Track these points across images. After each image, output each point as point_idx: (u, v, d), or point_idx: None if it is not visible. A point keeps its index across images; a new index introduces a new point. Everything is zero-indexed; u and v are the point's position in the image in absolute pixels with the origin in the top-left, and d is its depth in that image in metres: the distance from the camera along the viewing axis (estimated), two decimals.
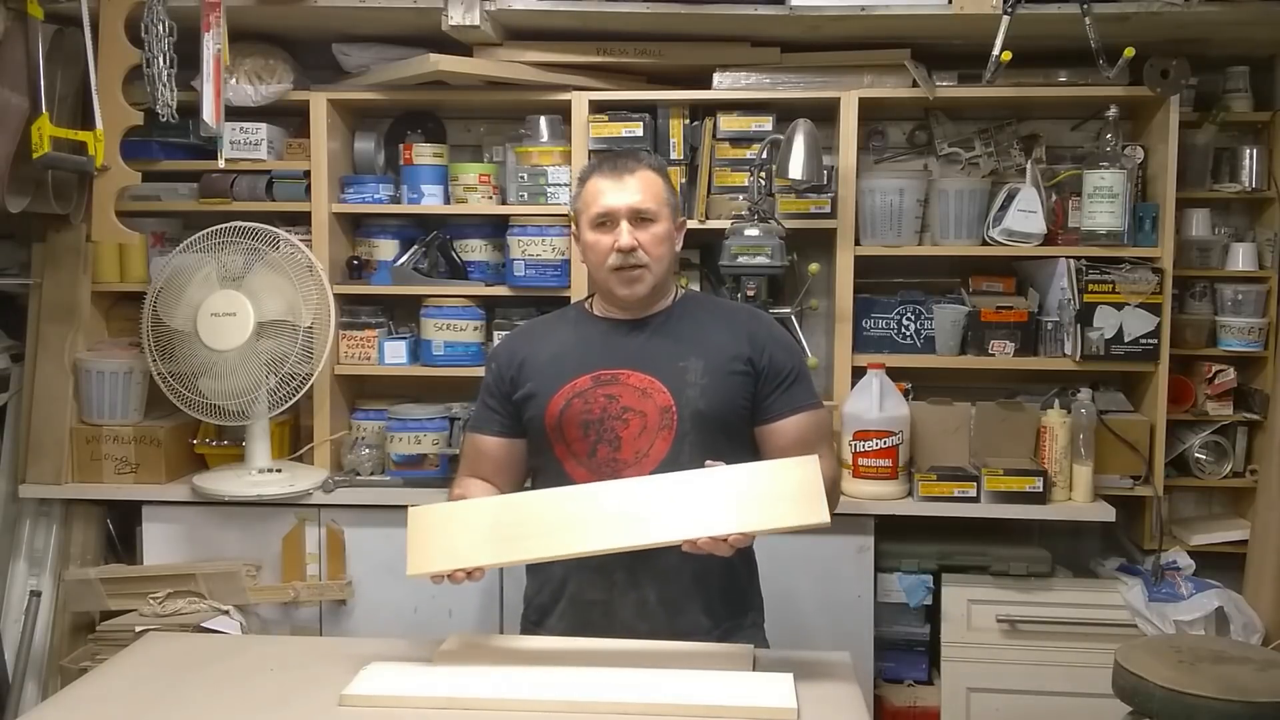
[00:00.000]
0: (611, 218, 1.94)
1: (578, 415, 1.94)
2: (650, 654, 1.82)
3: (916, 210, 3.07)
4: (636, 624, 1.93)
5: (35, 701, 2.98)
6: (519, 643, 1.95)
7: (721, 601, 1.98)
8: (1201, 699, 2.17)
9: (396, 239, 3.24)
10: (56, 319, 3.09)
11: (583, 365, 1.98)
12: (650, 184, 1.96)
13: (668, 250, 1.98)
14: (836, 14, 2.75)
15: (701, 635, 1.94)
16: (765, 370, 1.97)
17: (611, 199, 1.94)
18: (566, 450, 1.96)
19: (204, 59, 2.64)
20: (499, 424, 2.05)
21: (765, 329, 2.03)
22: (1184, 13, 2.69)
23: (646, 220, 1.95)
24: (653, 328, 2.01)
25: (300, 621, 2.97)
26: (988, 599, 2.87)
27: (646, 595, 1.93)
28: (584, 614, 1.95)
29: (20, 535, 3.12)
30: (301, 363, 2.89)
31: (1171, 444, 3.08)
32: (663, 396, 1.93)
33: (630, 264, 1.94)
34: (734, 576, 2.00)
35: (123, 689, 1.76)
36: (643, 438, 1.92)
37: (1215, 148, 3.13)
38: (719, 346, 1.97)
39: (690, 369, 1.94)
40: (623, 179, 1.95)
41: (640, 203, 1.94)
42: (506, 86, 3.04)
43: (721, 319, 2.03)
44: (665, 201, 1.98)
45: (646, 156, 2.06)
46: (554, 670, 1.74)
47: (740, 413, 1.97)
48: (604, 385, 1.96)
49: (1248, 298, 3.05)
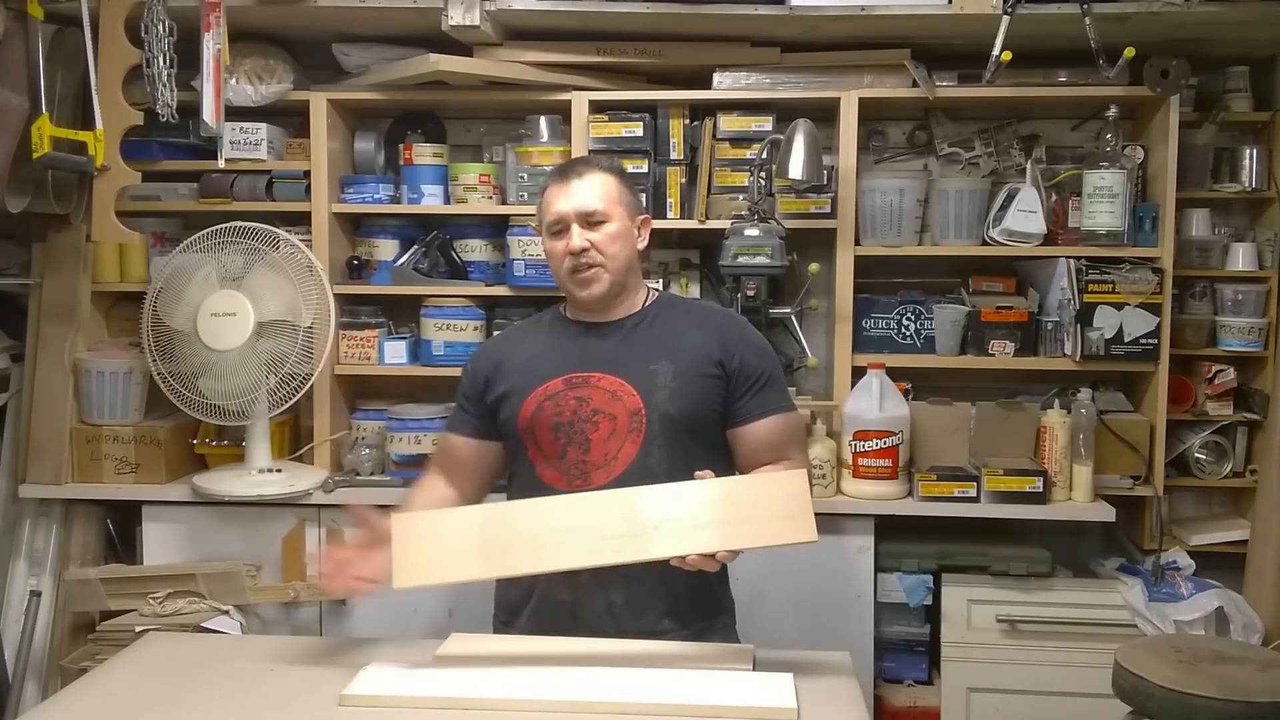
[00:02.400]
0: (563, 222, 1.97)
1: (548, 418, 1.95)
2: (650, 654, 1.81)
3: (916, 210, 3.08)
4: (603, 625, 1.92)
5: (35, 701, 2.98)
6: (518, 643, 1.94)
7: (689, 604, 1.98)
8: (1201, 699, 2.17)
9: (396, 239, 3.24)
10: (56, 319, 3.09)
11: (555, 368, 1.99)
12: (600, 185, 1.98)
13: (623, 248, 1.99)
14: (836, 14, 2.75)
15: (670, 638, 1.93)
16: (736, 373, 1.97)
17: (561, 204, 1.97)
18: (538, 452, 1.97)
19: (204, 59, 2.64)
20: (470, 425, 2.07)
21: (738, 332, 2.03)
22: (1184, 13, 2.69)
23: (597, 221, 1.96)
24: (625, 330, 2.01)
25: (300, 621, 2.97)
26: (988, 599, 2.87)
27: (612, 597, 1.93)
28: (552, 614, 1.95)
29: (20, 535, 3.12)
30: (301, 363, 2.89)
31: (1171, 444, 3.08)
32: (632, 399, 1.93)
33: (584, 264, 1.95)
34: (703, 580, 1.98)
35: (123, 689, 1.76)
36: (612, 440, 1.93)
37: (1215, 148, 3.13)
38: (690, 349, 1.97)
39: (660, 372, 1.95)
40: (570, 183, 1.97)
41: (587, 204, 1.96)
42: (506, 86, 3.04)
43: (694, 322, 2.03)
44: (617, 200, 1.99)
45: (599, 160, 2.08)
46: (554, 670, 1.74)
47: (711, 416, 1.97)
48: (575, 388, 1.96)
49: (1248, 298, 3.05)
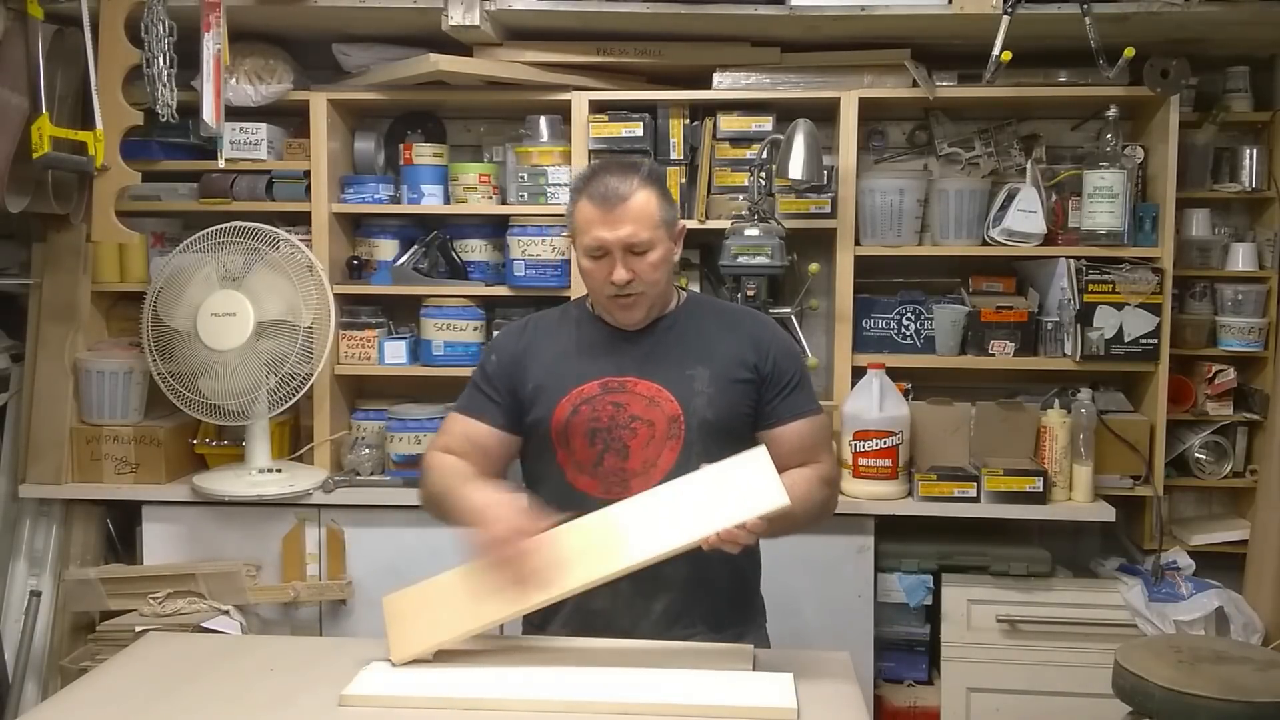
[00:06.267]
0: (604, 249, 1.87)
1: (585, 423, 1.91)
2: (650, 654, 1.81)
3: (916, 210, 3.07)
4: (641, 634, 1.91)
5: (35, 701, 2.98)
6: (519, 643, 1.94)
7: (728, 608, 1.97)
8: (1201, 699, 2.17)
9: (396, 239, 3.24)
10: (56, 319, 3.09)
11: (590, 370, 1.94)
12: (644, 209, 1.86)
13: (665, 272, 1.92)
14: (836, 14, 2.75)
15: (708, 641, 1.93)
16: (769, 376, 1.95)
17: (604, 232, 1.85)
18: (569, 458, 1.93)
19: (204, 59, 2.64)
20: (499, 416, 1.97)
21: (769, 333, 2.01)
22: (1184, 13, 2.69)
23: (641, 251, 1.87)
24: (658, 334, 1.97)
25: (300, 621, 2.98)
26: (988, 599, 2.87)
27: (652, 606, 1.91)
28: (587, 623, 1.92)
29: (20, 535, 3.12)
30: (301, 363, 2.90)
31: (1171, 444, 3.08)
32: (671, 405, 1.90)
33: (626, 294, 1.89)
34: (740, 581, 1.99)
35: (123, 689, 1.76)
36: (651, 447, 1.90)
37: (1215, 148, 3.13)
38: (724, 354, 1.95)
39: (697, 377, 1.92)
40: (614, 210, 1.85)
41: (633, 235, 1.85)
42: (506, 86, 3.04)
43: (725, 324, 2.00)
44: (660, 223, 1.88)
45: (640, 170, 1.92)
46: (554, 670, 1.74)
47: (744, 420, 1.95)
48: (612, 393, 1.92)
49: (1248, 298, 3.05)
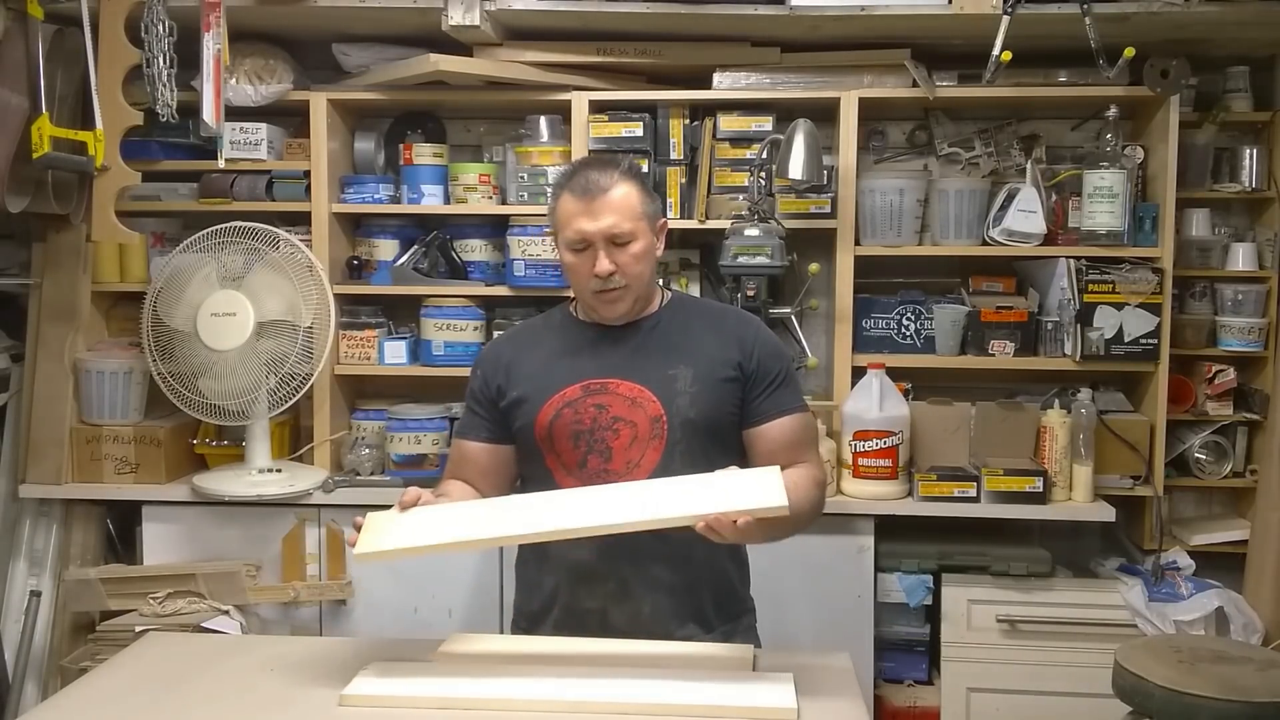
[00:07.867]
0: (586, 242, 1.88)
1: (568, 425, 1.92)
2: (650, 655, 1.81)
3: (916, 210, 3.08)
4: (630, 634, 1.91)
5: (35, 701, 2.98)
6: (519, 643, 1.95)
7: (715, 608, 1.97)
8: (1201, 699, 2.17)
9: (396, 239, 3.24)
10: (56, 319, 3.09)
11: (571, 373, 1.95)
12: (624, 201, 1.88)
13: (648, 265, 1.94)
14: (836, 14, 2.75)
15: (697, 641, 1.93)
16: (754, 374, 1.96)
17: (585, 224, 1.87)
18: (557, 461, 1.94)
19: (204, 59, 2.64)
20: (485, 430, 2.01)
21: (754, 332, 2.01)
22: (1184, 13, 2.69)
23: (624, 242, 1.88)
24: (641, 335, 1.98)
25: (300, 621, 2.98)
26: (988, 599, 2.87)
27: (640, 606, 1.92)
28: (577, 623, 1.93)
29: (20, 535, 3.12)
30: (301, 363, 2.90)
31: (1171, 444, 3.08)
32: (653, 406, 1.91)
33: (610, 287, 1.90)
34: (727, 582, 2.00)
35: (123, 689, 1.76)
36: (634, 448, 1.90)
37: (1215, 148, 3.13)
38: (708, 353, 1.95)
39: (680, 377, 1.92)
40: (595, 201, 1.87)
41: (615, 226, 1.87)
42: (506, 86, 3.04)
43: (710, 324, 2.01)
44: (642, 215, 1.90)
45: (619, 165, 1.94)
46: (553, 671, 1.73)
47: (729, 419, 1.96)
48: (594, 395, 1.93)
49: (1248, 298, 3.05)
